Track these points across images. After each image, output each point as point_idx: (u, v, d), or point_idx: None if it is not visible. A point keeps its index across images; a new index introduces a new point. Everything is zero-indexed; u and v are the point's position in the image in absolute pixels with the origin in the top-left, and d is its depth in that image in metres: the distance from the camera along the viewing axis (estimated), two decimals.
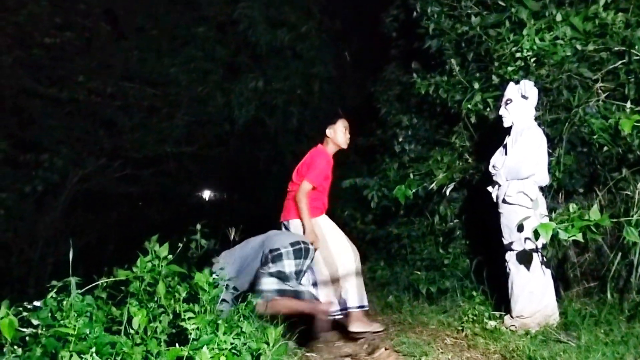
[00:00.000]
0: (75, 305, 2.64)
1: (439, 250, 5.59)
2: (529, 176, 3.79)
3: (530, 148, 3.80)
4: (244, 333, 2.94)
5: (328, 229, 4.36)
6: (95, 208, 10.11)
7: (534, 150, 3.80)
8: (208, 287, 3.11)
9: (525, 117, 3.93)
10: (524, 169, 3.78)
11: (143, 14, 8.44)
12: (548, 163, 4.30)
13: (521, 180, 3.81)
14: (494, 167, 4.06)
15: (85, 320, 2.67)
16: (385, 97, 7.11)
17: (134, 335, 2.79)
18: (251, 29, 8.31)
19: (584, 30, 4.20)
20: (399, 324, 4.51)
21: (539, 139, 3.84)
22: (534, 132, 3.85)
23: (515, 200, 3.80)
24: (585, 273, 4.31)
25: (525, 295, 3.74)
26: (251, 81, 8.58)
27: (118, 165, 9.43)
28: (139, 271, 3.10)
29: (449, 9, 5.43)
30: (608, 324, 3.48)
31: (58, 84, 8.04)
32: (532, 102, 3.95)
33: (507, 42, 4.52)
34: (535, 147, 3.80)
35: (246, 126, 8.98)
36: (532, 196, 3.71)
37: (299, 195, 4.24)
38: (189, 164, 10.24)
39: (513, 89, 3.99)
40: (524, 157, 3.80)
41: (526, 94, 3.91)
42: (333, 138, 4.57)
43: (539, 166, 3.80)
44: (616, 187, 4.06)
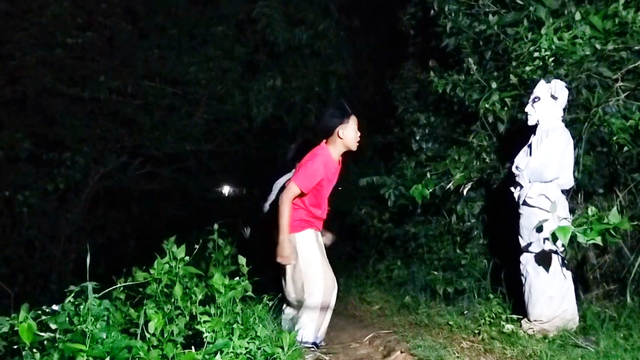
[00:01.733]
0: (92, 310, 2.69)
1: (457, 250, 5.57)
2: (553, 179, 3.72)
3: (555, 150, 3.70)
4: (258, 337, 2.97)
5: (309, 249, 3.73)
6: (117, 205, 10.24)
7: (559, 152, 3.70)
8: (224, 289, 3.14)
9: (552, 117, 3.82)
10: (548, 172, 3.71)
11: (163, 13, 8.49)
12: None
13: (544, 183, 3.74)
14: (517, 168, 3.99)
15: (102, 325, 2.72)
16: (402, 94, 7.09)
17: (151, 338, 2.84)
18: (269, 27, 8.33)
19: (603, 29, 4.12)
20: (415, 325, 4.51)
21: (564, 141, 3.73)
22: (560, 134, 3.74)
23: (536, 203, 3.73)
24: (605, 275, 4.26)
25: (544, 299, 3.70)
26: (269, 79, 8.60)
27: (139, 163, 9.55)
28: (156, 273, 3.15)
29: (467, 7, 5.39)
30: (628, 329, 3.44)
31: (80, 84, 8.12)
32: (561, 102, 3.84)
33: (525, 41, 4.47)
34: (560, 150, 3.70)
35: (264, 124, 9.01)
36: (553, 199, 3.63)
37: (282, 197, 3.58)
38: (208, 161, 10.31)
39: (543, 87, 3.88)
40: (548, 159, 3.71)
41: (556, 94, 3.80)
42: (344, 139, 3.82)
43: (564, 169, 3.72)
44: (637, 188, 4.00)
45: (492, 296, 4.33)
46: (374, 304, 5.70)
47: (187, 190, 11.12)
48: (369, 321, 5.16)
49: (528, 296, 3.83)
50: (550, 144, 3.74)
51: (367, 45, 9.37)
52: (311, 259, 3.72)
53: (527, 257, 3.87)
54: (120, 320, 3.18)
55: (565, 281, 3.74)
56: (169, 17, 8.51)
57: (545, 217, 3.54)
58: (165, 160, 9.64)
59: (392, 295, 5.77)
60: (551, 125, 3.82)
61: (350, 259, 8.15)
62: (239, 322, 3.02)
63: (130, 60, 8.37)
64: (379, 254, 7.20)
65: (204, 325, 2.84)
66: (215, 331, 2.84)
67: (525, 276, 3.88)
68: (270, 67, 8.89)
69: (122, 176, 9.42)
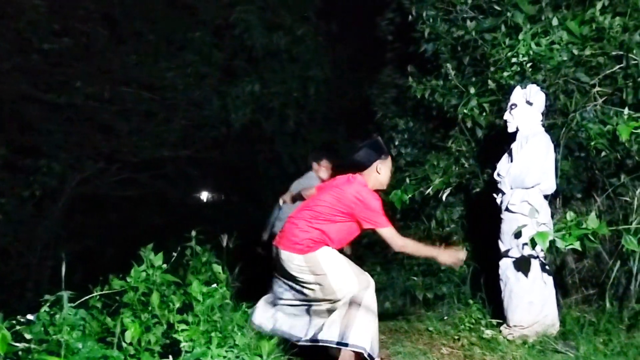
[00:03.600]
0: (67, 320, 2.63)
1: None
2: (534, 186, 3.72)
3: (536, 157, 3.71)
4: (237, 345, 2.92)
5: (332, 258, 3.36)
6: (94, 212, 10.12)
7: (540, 158, 3.71)
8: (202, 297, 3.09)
9: (530, 123, 3.83)
10: (529, 179, 3.71)
11: (141, 19, 8.42)
12: None
13: (526, 189, 3.75)
14: (499, 175, 3.99)
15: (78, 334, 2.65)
16: (381, 100, 7.08)
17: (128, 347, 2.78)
18: (247, 32, 8.29)
19: (580, 34, 4.15)
20: (395, 331, 4.47)
21: (545, 146, 3.74)
22: (540, 139, 3.75)
23: (518, 209, 3.74)
24: (584, 280, 4.28)
25: (525, 305, 3.70)
26: (247, 85, 8.55)
27: (116, 169, 9.45)
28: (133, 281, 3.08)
29: (445, 13, 5.40)
30: (607, 334, 3.44)
31: (56, 89, 8.03)
32: (537, 107, 3.85)
33: (503, 47, 4.49)
34: (541, 156, 3.71)
35: (243, 129, 8.95)
36: (536, 205, 3.63)
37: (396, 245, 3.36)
38: (186, 167, 10.23)
39: (518, 93, 3.90)
40: (529, 166, 3.71)
41: (531, 99, 3.82)
42: (381, 175, 3.55)
43: (545, 175, 3.72)
44: (615, 193, 4.02)
45: (471, 302, 4.32)
46: None
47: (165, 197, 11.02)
48: None
49: (508, 302, 3.83)
50: (531, 150, 3.75)
51: (345, 51, 9.37)
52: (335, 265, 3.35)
53: (507, 263, 3.87)
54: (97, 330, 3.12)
55: (545, 287, 3.74)
56: (146, 23, 8.44)
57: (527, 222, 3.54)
58: (143, 166, 9.55)
59: None
60: (531, 130, 3.83)
61: None
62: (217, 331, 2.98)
63: (108, 66, 8.30)
64: (359, 259, 7.14)
65: (181, 334, 2.79)
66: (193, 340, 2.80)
67: (505, 282, 3.88)
68: (249, 73, 8.84)
69: (99, 182, 9.32)
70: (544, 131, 3.87)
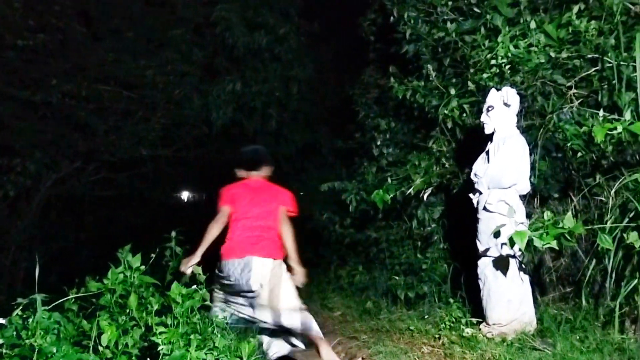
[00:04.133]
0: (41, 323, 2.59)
1: (417, 255, 5.60)
2: (511, 186, 3.78)
3: (512, 158, 3.77)
4: (216, 348, 2.89)
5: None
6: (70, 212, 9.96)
7: (516, 159, 3.78)
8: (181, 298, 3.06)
9: (507, 125, 3.90)
10: (506, 179, 3.77)
11: (118, 16, 8.29)
12: None
13: (502, 189, 3.80)
14: (476, 175, 4.05)
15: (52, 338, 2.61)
16: (363, 100, 7.11)
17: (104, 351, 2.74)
18: (228, 31, 8.25)
19: (557, 37, 4.22)
20: (376, 330, 4.50)
21: (521, 147, 3.81)
22: (516, 141, 3.82)
23: (495, 209, 3.79)
24: (561, 278, 4.34)
25: (503, 303, 3.75)
26: (229, 83, 8.50)
27: (93, 169, 9.30)
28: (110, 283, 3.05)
29: (426, 14, 5.44)
30: (583, 331, 3.50)
31: (31, 87, 7.85)
32: (514, 109, 3.92)
33: (483, 49, 4.54)
34: (517, 157, 3.78)
35: (224, 129, 8.90)
36: (512, 205, 3.70)
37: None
38: (165, 166, 10.12)
39: (495, 95, 3.97)
40: (505, 166, 3.77)
41: (508, 101, 3.88)
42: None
43: (522, 175, 3.79)
44: (590, 193, 4.08)
45: (452, 300, 4.36)
46: (335, 310, 5.68)
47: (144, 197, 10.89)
48: (331, 327, 5.13)
49: (487, 300, 3.88)
50: (508, 152, 3.81)
51: (328, 51, 9.38)
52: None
53: (486, 262, 3.92)
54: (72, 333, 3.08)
55: (522, 285, 3.79)
56: (124, 20, 8.31)
57: (505, 222, 3.59)
58: (121, 165, 9.42)
59: (353, 301, 5.76)
60: (507, 132, 3.89)
61: (311, 265, 8.09)
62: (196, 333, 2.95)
63: (84, 63, 8.14)
64: (341, 259, 7.19)
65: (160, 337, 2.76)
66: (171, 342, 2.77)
67: (483, 280, 3.92)
68: (230, 71, 8.80)
69: (76, 182, 9.16)
70: (519, 133, 3.93)
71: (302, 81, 8.94)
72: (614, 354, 3.09)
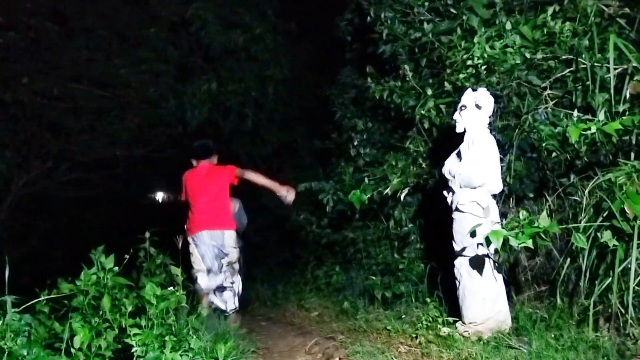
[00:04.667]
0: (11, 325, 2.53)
1: (394, 255, 5.61)
2: (481, 185, 3.81)
3: (482, 157, 3.80)
4: (192, 349, 2.86)
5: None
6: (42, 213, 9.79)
7: (486, 159, 3.80)
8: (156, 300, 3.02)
9: (477, 126, 3.92)
10: (476, 179, 3.79)
11: (92, 14, 8.17)
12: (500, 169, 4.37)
13: (473, 189, 3.82)
14: (449, 173, 4.07)
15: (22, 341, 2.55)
16: (340, 100, 7.10)
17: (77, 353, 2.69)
18: (204, 30, 8.16)
19: (532, 38, 4.26)
20: (354, 330, 4.49)
21: (490, 148, 3.84)
22: (486, 141, 3.85)
23: (467, 209, 3.81)
24: (536, 277, 4.38)
25: (478, 302, 3.77)
26: (204, 83, 8.42)
27: (65, 169, 9.18)
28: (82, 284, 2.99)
29: (402, 14, 5.45)
30: (558, 329, 3.53)
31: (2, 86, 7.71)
32: (486, 111, 3.92)
33: (459, 50, 4.56)
34: (486, 157, 3.80)
35: (199, 128, 8.81)
36: (484, 205, 3.72)
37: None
38: (140, 167, 10.00)
39: (469, 96, 3.97)
40: (475, 166, 3.80)
41: (480, 103, 3.90)
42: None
43: (492, 175, 3.81)
44: (565, 193, 4.13)
45: (429, 300, 4.37)
46: (312, 310, 5.66)
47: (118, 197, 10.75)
48: (308, 328, 5.11)
49: (462, 299, 3.89)
50: (478, 152, 3.84)
51: (304, 51, 9.35)
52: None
53: (461, 261, 3.94)
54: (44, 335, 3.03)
55: (496, 283, 3.82)
56: (98, 18, 8.19)
57: (476, 222, 3.62)
58: (95, 166, 9.31)
59: (330, 301, 5.75)
60: (477, 133, 3.92)
61: (288, 265, 8.08)
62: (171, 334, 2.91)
63: (57, 62, 8.03)
64: (318, 259, 7.18)
65: (134, 339, 2.72)
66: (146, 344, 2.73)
67: (459, 279, 3.94)
68: (206, 71, 8.73)
69: (48, 183, 9.02)
70: (489, 133, 3.96)
71: (279, 81, 8.89)
72: (588, 352, 3.12)
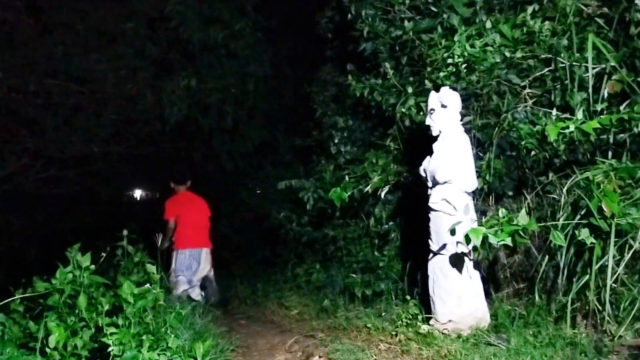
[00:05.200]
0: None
1: (375, 253, 5.61)
2: (446, 181, 3.83)
3: (448, 154, 3.85)
4: (170, 348, 2.82)
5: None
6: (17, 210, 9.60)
7: (453, 156, 3.84)
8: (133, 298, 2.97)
9: (448, 124, 3.97)
10: (439, 173, 3.83)
11: (68, 8, 8.03)
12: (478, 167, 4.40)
13: (442, 186, 3.85)
14: (424, 171, 4.10)
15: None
16: (321, 98, 7.08)
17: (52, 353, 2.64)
18: (183, 25, 8.06)
19: (512, 37, 4.28)
20: (334, 328, 4.48)
21: (460, 144, 3.88)
22: (454, 138, 3.90)
23: (439, 207, 3.86)
24: (515, 274, 4.42)
25: (454, 299, 3.79)
26: (183, 79, 8.32)
27: (41, 166, 9.00)
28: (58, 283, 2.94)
29: (383, 12, 5.45)
30: (536, 326, 3.56)
31: None
32: (453, 109, 3.98)
33: (439, 48, 4.57)
34: (454, 153, 3.84)
35: (178, 125, 8.71)
36: (455, 203, 3.75)
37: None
38: (118, 164, 9.87)
39: (434, 98, 4.05)
40: (439, 162, 3.86)
41: (444, 102, 3.96)
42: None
43: (462, 172, 3.83)
44: (543, 191, 4.17)
45: (408, 297, 4.38)
46: (292, 308, 5.63)
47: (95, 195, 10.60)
48: (288, 326, 5.09)
49: (436, 297, 3.92)
50: (443, 148, 3.91)
51: (285, 48, 9.30)
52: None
53: (436, 260, 3.96)
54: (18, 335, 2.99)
55: (472, 281, 3.84)
56: (74, 12, 8.06)
57: (450, 220, 3.64)
58: (71, 162, 9.16)
59: (311, 299, 5.73)
60: (448, 131, 3.97)
61: (268, 264, 8.05)
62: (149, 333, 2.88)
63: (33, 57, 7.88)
64: (298, 257, 7.15)
65: (110, 338, 2.69)
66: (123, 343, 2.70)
67: (433, 278, 3.97)
68: (185, 67, 8.62)
69: (23, 180, 8.84)
70: (462, 131, 4.00)
71: (259, 78, 8.83)
72: (566, 349, 3.15)
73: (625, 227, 3.28)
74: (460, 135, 3.94)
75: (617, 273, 3.37)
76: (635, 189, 3.42)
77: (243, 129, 9.21)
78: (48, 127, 8.32)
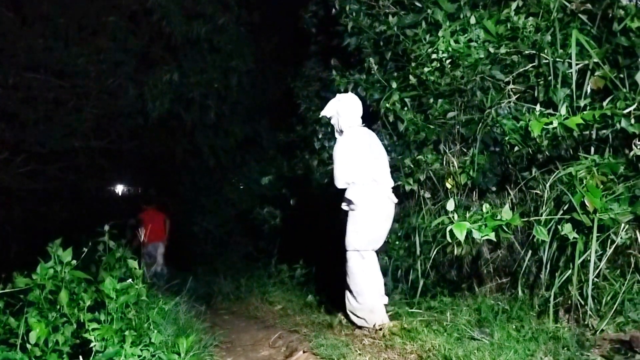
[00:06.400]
0: None
1: None
2: (338, 181, 4.02)
3: (335, 156, 4.08)
4: (152, 344, 2.79)
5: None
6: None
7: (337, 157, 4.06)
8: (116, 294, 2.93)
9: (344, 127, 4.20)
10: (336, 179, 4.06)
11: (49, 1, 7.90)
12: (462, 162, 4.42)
13: None
14: None
15: None
16: (305, 93, 7.06)
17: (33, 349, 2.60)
18: (165, 19, 7.98)
19: (496, 33, 4.31)
20: (317, 324, 4.47)
21: (342, 144, 4.07)
22: (340, 140, 4.12)
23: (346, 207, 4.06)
24: (498, 269, 4.44)
25: (352, 295, 4.02)
26: (166, 73, 8.25)
27: (21, 160, 8.87)
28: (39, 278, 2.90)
29: (367, 7, 5.43)
30: (519, 320, 3.58)
31: None
32: (342, 112, 4.19)
33: (424, 43, 4.58)
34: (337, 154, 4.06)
35: (161, 120, 8.65)
36: (355, 200, 3.92)
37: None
38: (99, 158, 9.77)
39: (326, 110, 4.33)
40: None
41: (333, 111, 4.27)
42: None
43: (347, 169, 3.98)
44: (527, 186, 4.19)
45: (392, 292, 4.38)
46: (276, 304, 5.61)
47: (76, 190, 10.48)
48: (271, 322, 5.07)
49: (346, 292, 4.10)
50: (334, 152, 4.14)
51: (268, 42, 9.25)
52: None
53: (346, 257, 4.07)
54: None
55: (368, 279, 3.98)
56: (55, 5, 7.93)
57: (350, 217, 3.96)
58: (52, 157, 9.05)
59: (294, 295, 5.71)
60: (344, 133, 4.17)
61: (252, 259, 8.01)
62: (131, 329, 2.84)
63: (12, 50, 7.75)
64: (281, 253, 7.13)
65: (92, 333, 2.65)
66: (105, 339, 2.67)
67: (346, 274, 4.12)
68: (167, 61, 8.55)
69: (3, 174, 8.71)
70: (354, 131, 4.15)
71: (242, 73, 8.77)
72: (548, 343, 3.17)
73: (608, 222, 3.30)
74: (347, 134, 4.13)
75: (599, 268, 3.40)
76: (617, 184, 3.45)
77: (226, 123, 9.16)
78: (28, 121, 8.22)
